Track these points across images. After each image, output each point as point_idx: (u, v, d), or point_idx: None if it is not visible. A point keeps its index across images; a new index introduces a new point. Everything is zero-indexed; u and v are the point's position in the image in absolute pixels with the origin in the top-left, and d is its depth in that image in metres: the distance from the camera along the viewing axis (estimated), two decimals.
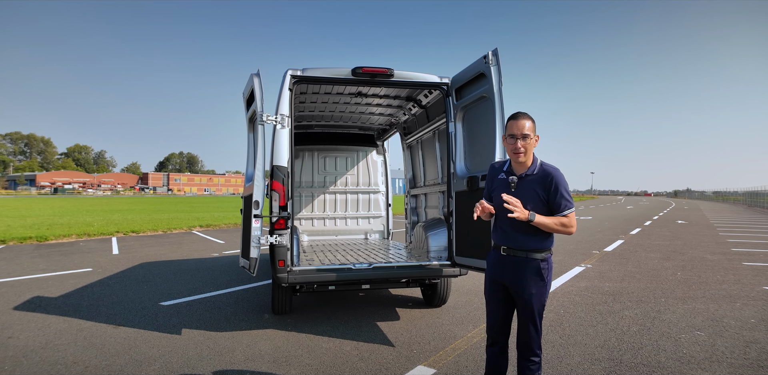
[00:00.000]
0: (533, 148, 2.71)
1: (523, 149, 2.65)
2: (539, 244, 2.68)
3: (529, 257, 2.67)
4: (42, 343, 4.22)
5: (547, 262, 2.69)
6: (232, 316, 5.13)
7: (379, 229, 8.44)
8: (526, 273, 2.67)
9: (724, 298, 5.98)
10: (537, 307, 2.69)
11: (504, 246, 2.75)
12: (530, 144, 2.66)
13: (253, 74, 4.35)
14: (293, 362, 3.75)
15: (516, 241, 2.71)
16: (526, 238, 2.68)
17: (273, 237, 4.28)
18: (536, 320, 2.70)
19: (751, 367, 3.68)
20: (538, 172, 2.68)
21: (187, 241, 12.78)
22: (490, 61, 3.98)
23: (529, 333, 2.72)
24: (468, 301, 5.83)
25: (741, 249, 11.13)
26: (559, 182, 2.62)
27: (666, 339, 4.35)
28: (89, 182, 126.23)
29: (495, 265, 2.81)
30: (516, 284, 2.70)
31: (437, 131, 6.33)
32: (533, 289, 2.66)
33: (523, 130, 2.64)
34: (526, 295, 2.67)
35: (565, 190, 2.62)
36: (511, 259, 2.71)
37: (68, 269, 8.12)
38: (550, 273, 2.70)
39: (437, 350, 4.03)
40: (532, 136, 2.65)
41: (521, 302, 2.70)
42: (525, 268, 2.67)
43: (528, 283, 2.66)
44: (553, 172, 2.65)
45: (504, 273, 2.75)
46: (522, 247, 2.69)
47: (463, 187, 4.44)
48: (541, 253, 2.68)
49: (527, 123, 2.65)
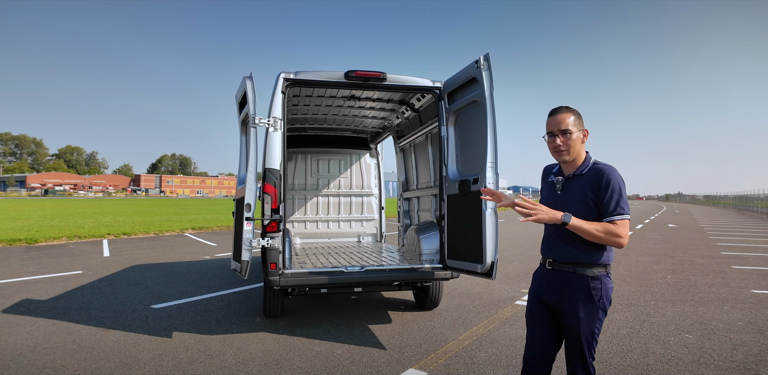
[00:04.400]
0: (581, 145, 2.31)
1: (564, 147, 2.27)
2: (589, 258, 2.24)
3: (577, 273, 2.25)
4: (30, 346, 4.18)
5: (600, 281, 2.23)
6: (223, 319, 5.11)
7: (372, 232, 8.44)
8: (573, 292, 2.25)
9: (713, 302, 6.04)
10: (585, 334, 2.23)
11: (549, 258, 2.36)
12: (574, 140, 2.26)
13: (245, 77, 4.35)
14: (284, 365, 3.74)
15: (560, 253, 2.31)
16: (571, 250, 2.27)
17: (265, 240, 4.28)
18: (584, 352, 2.25)
19: (737, 369, 3.73)
20: (589, 171, 2.28)
21: (179, 244, 12.70)
22: (482, 65, 4.02)
23: (575, 370, 2.28)
24: (460, 303, 5.85)
25: (730, 252, 11.25)
26: (612, 182, 2.19)
27: (655, 342, 4.39)
28: (80, 184, 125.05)
29: (540, 281, 2.42)
30: (560, 305, 2.29)
31: (430, 135, 6.36)
32: (581, 312, 2.22)
33: (560, 126, 2.26)
34: (572, 318, 2.24)
35: (619, 193, 2.19)
36: (557, 275, 2.32)
37: (58, 272, 8.04)
38: (604, 295, 2.24)
39: (428, 353, 4.04)
40: (574, 132, 2.26)
41: (566, 328, 2.28)
42: (571, 286, 2.26)
43: (575, 303, 2.24)
44: (607, 170, 2.23)
45: (549, 290, 2.34)
46: (568, 260, 2.28)
47: (455, 190, 4.47)
48: (592, 268, 2.24)
49: (567, 117, 2.26)
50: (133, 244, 12.66)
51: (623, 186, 2.23)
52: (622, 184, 2.23)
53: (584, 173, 2.29)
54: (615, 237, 2.14)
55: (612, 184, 2.19)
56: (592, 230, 2.15)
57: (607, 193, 2.19)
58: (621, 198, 2.18)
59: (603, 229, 2.15)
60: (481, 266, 4.00)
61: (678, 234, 16.57)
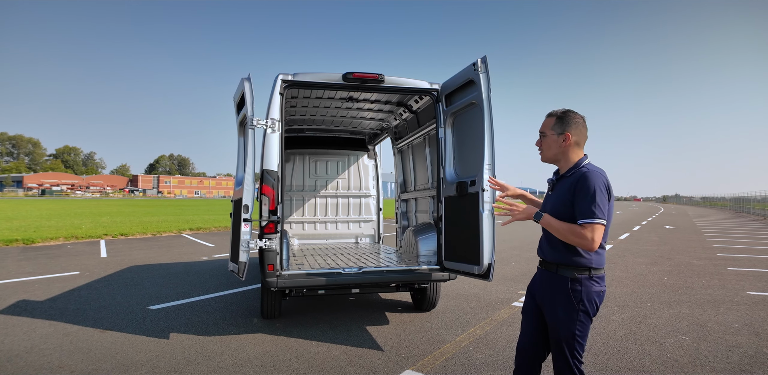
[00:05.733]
0: (559, 148, 2.39)
1: (540, 147, 2.47)
2: (568, 259, 2.28)
3: (559, 273, 2.30)
4: (27, 347, 4.17)
5: (581, 283, 2.23)
6: (220, 320, 5.11)
7: (370, 233, 8.45)
8: (553, 291, 2.32)
9: (709, 303, 6.07)
10: (564, 335, 2.25)
11: (540, 258, 2.49)
12: (547, 142, 2.41)
13: (243, 78, 4.37)
14: (281, 367, 3.75)
15: (544, 253, 2.42)
16: (551, 250, 2.36)
17: (262, 241, 4.29)
18: (565, 353, 2.26)
19: (733, 371, 3.75)
20: (573, 173, 2.34)
21: (176, 245, 12.68)
22: (479, 68, 4.04)
23: (560, 369, 2.31)
24: (457, 305, 5.86)
25: (726, 254, 11.29)
26: (587, 185, 2.19)
27: (651, 343, 4.41)
28: (78, 184, 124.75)
29: (534, 279, 2.54)
30: (543, 303, 2.38)
31: (427, 136, 6.38)
32: (560, 312, 2.27)
33: (540, 129, 2.46)
34: (552, 317, 2.31)
35: (592, 197, 2.16)
36: (544, 274, 2.41)
37: (55, 272, 8.02)
38: (585, 298, 2.23)
39: (426, 354, 4.05)
40: (548, 134, 2.40)
41: (549, 326, 2.35)
42: (552, 286, 2.33)
43: (555, 303, 2.30)
44: (587, 174, 2.24)
45: (538, 288, 2.45)
46: (550, 260, 2.37)
47: (453, 192, 4.48)
48: (572, 270, 2.26)
49: (548, 121, 2.42)
50: (130, 244, 12.64)
51: (602, 190, 2.19)
52: (602, 189, 2.19)
53: (569, 175, 2.35)
54: (581, 239, 2.14)
55: (587, 188, 2.18)
56: (560, 229, 2.21)
57: (581, 196, 2.20)
58: (594, 202, 2.15)
59: (569, 230, 2.18)
60: (478, 268, 4.02)
61: (675, 236, 16.62)
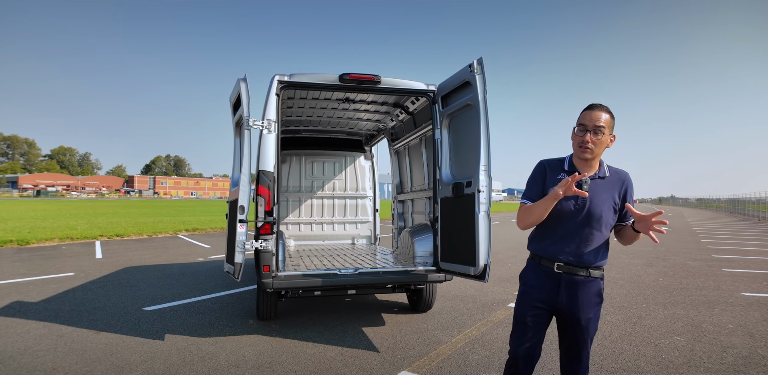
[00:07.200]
0: (604, 149, 2.27)
1: (591, 145, 2.20)
2: (604, 259, 2.30)
3: (591, 276, 2.26)
4: (21, 349, 4.15)
5: (603, 281, 2.33)
6: (216, 321, 5.09)
7: (366, 234, 8.45)
8: (587, 294, 2.26)
9: (704, 304, 6.10)
10: (593, 333, 2.30)
11: (559, 262, 2.27)
12: (602, 141, 2.21)
13: (240, 79, 4.36)
14: (277, 368, 3.74)
15: (578, 256, 2.25)
16: (591, 253, 2.25)
17: (258, 242, 4.28)
18: (588, 348, 2.32)
19: (727, 371, 3.76)
20: (611, 175, 2.30)
21: (172, 246, 12.64)
22: (476, 69, 4.05)
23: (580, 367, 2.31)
24: (453, 306, 5.86)
25: (721, 255, 11.35)
26: (631, 188, 2.32)
27: (646, 344, 4.43)
28: (73, 185, 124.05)
29: (544, 284, 2.32)
30: (573, 308, 2.26)
31: (424, 138, 6.39)
32: (591, 313, 2.26)
33: (596, 122, 2.18)
34: (584, 320, 2.26)
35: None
36: (569, 278, 2.26)
37: (50, 273, 7.97)
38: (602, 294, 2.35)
39: (421, 356, 4.05)
40: (606, 132, 2.20)
41: (577, 329, 2.28)
42: (585, 289, 2.26)
43: (588, 306, 2.26)
44: (628, 176, 2.34)
45: (558, 294, 2.28)
46: (584, 264, 2.25)
47: (449, 193, 4.49)
48: (600, 270, 2.30)
49: (603, 115, 2.19)
50: (126, 245, 12.58)
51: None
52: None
53: (607, 176, 2.33)
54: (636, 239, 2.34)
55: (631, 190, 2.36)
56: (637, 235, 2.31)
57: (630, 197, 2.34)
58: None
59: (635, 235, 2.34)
60: (474, 269, 4.02)
61: (671, 237, 16.69)
